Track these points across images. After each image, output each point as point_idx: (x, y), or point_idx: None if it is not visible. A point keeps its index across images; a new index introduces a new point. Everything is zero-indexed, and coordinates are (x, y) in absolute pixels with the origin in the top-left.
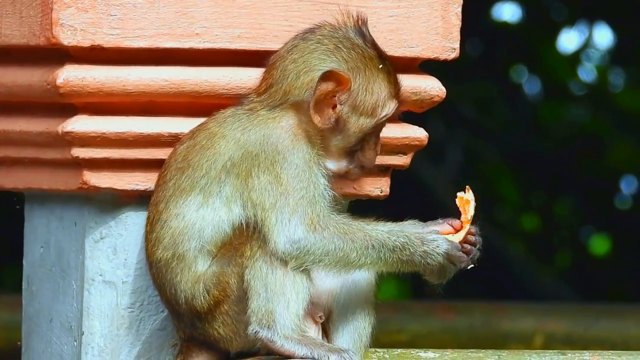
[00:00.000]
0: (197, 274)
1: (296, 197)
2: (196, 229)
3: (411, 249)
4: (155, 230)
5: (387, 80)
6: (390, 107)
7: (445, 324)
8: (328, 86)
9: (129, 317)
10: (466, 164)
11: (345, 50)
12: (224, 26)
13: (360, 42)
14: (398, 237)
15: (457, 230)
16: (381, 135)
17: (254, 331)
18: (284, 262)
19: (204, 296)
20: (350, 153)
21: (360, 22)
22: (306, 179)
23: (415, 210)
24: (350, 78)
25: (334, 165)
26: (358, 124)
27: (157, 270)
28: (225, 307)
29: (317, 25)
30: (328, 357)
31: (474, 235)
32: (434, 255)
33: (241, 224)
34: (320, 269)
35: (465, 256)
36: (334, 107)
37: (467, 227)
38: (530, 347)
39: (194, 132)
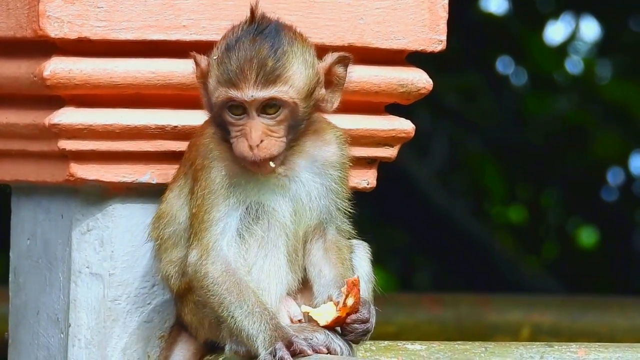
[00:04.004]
0: (175, 256)
1: (201, 219)
2: (175, 215)
3: (266, 333)
4: (157, 210)
5: (217, 69)
6: (218, 94)
7: (432, 316)
8: (196, 69)
9: (116, 310)
10: (452, 155)
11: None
12: (210, 18)
13: (234, 32)
14: (262, 322)
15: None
16: (254, 128)
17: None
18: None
19: (178, 279)
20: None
21: (252, 11)
22: (212, 201)
23: (400, 202)
24: (201, 62)
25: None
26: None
27: (152, 247)
28: (195, 297)
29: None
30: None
31: (348, 324)
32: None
33: None
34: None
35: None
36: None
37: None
38: (517, 339)
39: None
